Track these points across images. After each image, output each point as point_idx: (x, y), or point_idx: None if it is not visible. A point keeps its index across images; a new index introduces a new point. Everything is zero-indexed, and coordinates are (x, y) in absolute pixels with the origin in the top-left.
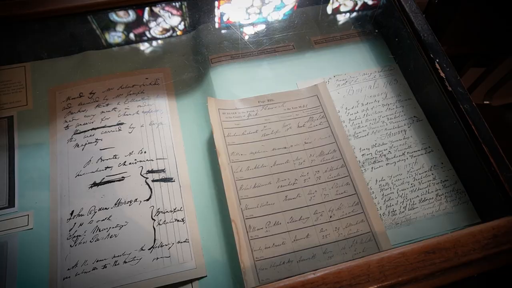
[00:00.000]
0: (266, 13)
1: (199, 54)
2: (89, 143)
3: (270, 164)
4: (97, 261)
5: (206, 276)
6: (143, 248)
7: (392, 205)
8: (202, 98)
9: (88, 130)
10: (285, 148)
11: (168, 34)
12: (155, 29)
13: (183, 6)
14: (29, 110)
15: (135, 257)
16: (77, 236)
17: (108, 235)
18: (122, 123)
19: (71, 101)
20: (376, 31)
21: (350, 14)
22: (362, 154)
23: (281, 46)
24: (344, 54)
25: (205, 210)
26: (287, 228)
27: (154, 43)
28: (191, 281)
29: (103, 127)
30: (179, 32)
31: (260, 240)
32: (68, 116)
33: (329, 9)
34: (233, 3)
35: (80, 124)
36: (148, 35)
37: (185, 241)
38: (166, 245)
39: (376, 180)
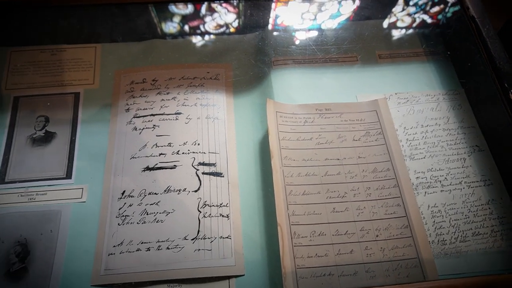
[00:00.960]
0: (321, 20)
1: (262, 55)
2: (146, 128)
3: (321, 173)
4: (142, 243)
5: (243, 275)
6: (186, 238)
7: (443, 234)
8: (260, 99)
9: (147, 116)
10: (338, 159)
11: (233, 31)
12: (220, 25)
13: (242, 5)
14: (95, 88)
15: (178, 245)
16: (125, 215)
17: (155, 219)
18: (180, 113)
19: (134, 86)
20: (448, 53)
21: (420, 32)
22: (417, 177)
23: (345, 56)
24: (408, 72)
25: (250, 209)
26: (331, 240)
27: (218, 38)
28: (228, 277)
29: (162, 114)
30: (243, 31)
31: (303, 248)
32: (130, 100)
33: (398, 24)
34: (290, 6)
35: (140, 109)
36: (213, 31)
37: (227, 237)
38: (208, 238)
39: (429, 206)
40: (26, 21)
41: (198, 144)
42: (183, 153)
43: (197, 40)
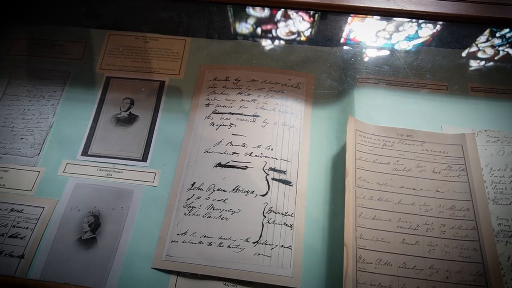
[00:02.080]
0: (395, 40)
1: (346, 70)
2: (223, 125)
3: (394, 200)
4: (205, 236)
5: None
6: (248, 240)
7: None
8: (338, 114)
9: (226, 113)
10: (414, 189)
11: (303, 40)
12: (292, 32)
13: (318, 15)
14: (179, 79)
15: (239, 245)
16: (192, 207)
17: (220, 216)
18: (257, 116)
19: (217, 82)
20: None
21: None
22: (499, 224)
23: (434, 83)
24: (502, 110)
25: (314, 223)
26: (397, 272)
27: (304, 47)
28: None
29: (240, 114)
30: (315, 41)
31: (367, 274)
32: (211, 95)
33: (495, 57)
34: (366, 22)
35: (220, 106)
36: (299, 39)
37: (288, 247)
38: (269, 244)
39: (509, 257)
40: (127, 8)
41: (272, 149)
42: (255, 155)
43: (282, 46)
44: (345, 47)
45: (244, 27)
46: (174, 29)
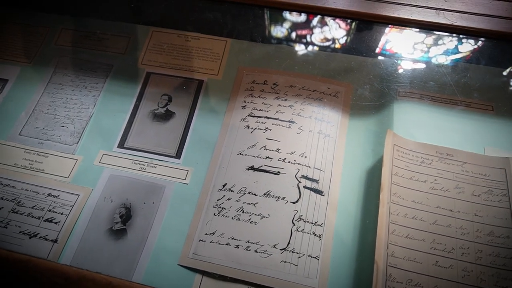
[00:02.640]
0: (433, 54)
1: (387, 82)
2: (258, 128)
3: (429, 220)
4: (232, 238)
5: None
6: (275, 246)
7: None
8: (376, 126)
9: (262, 117)
10: (451, 211)
11: (338, 47)
12: (327, 39)
13: (355, 23)
14: (217, 80)
15: (266, 250)
16: (222, 207)
17: (249, 219)
18: (293, 122)
19: (254, 85)
20: None
21: None
22: None
23: (479, 103)
24: None
25: (344, 235)
26: None
27: (344, 56)
28: None
29: (276, 119)
30: (350, 49)
31: None
32: (248, 98)
33: None
34: (404, 34)
35: (256, 109)
36: (340, 48)
37: (315, 257)
38: (297, 253)
39: None
40: (173, 7)
41: (305, 157)
42: (289, 162)
43: (322, 54)
44: (386, 58)
45: (280, 31)
46: (216, 30)
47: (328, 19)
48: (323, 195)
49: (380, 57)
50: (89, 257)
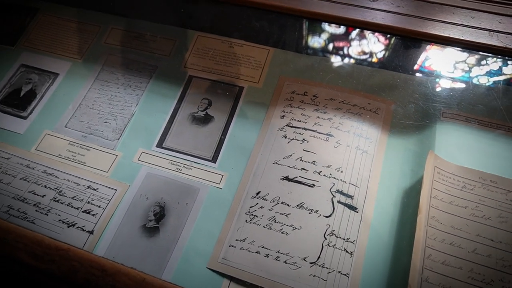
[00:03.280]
0: (474, 74)
1: (431, 102)
2: (296, 139)
3: (468, 248)
4: (262, 247)
5: None
6: (305, 259)
7: None
8: (416, 146)
9: (300, 128)
10: (492, 240)
11: (375, 61)
12: (364, 52)
13: (394, 39)
14: (257, 88)
15: (295, 262)
16: (254, 215)
17: (281, 229)
18: (331, 135)
19: (294, 96)
20: None
21: None
22: None
23: None
24: None
25: (376, 254)
26: None
27: (389, 73)
28: None
29: (314, 131)
30: (387, 65)
31: None
32: (287, 108)
33: None
34: (445, 52)
35: (295, 120)
36: (384, 63)
37: (345, 275)
38: (327, 268)
39: None
40: (221, 13)
41: (341, 172)
42: (324, 175)
43: (364, 68)
44: (431, 77)
45: (324, 44)
46: (261, 38)
47: (373, 34)
48: (357, 212)
49: (425, 76)
50: (122, 251)
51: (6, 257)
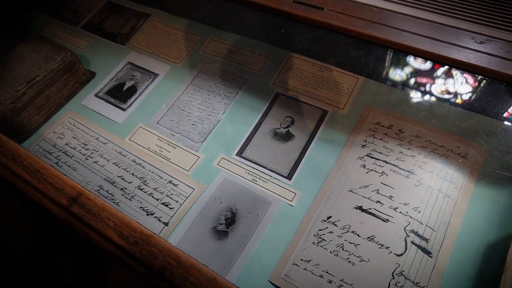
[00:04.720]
0: None
1: None
2: (375, 171)
3: None
4: (327, 272)
5: None
6: None
7: None
8: (507, 200)
9: (380, 160)
10: None
11: (459, 102)
12: (448, 92)
13: (485, 82)
14: (342, 114)
15: None
16: (322, 239)
17: (348, 259)
18: (412, 173)
19: (378, 127)
20: None
21: None
22: None
23: None
24: None
25: None
26: None
27: (486, 118)
28: None
29: (395, 166)
30: (490, 112)
31: None
32: (369, 138)
33: None
34: None
35: (376, 151)
36: (483, 109)
37: None
38: None
39: None
40: (318, 39)
41: (419, 212)
42: (400, 212)
43: (456, 110)
44: None
45: (411, 78)
46: (354, 67)
47: (476, 77)
48: (431, 257)
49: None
50: (191, 248)
51: (97, 231)
